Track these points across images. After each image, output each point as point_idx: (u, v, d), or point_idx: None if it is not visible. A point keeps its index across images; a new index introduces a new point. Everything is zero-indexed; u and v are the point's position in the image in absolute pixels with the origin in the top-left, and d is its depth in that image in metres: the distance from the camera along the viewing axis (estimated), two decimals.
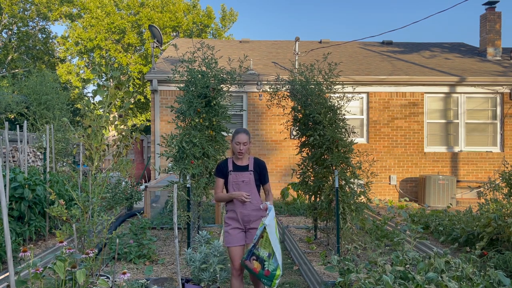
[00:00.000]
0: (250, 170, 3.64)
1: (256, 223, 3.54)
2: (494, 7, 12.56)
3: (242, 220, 3.58)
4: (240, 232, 3.61)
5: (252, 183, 3.62)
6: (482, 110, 11.00)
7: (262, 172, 3.69)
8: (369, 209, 6.21)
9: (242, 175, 3.62)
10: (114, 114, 8.81)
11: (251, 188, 3.61)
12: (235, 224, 3.61)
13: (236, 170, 3.65)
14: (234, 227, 3.60)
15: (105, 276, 3.98)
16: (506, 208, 5.45)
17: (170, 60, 11.69)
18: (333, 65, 5.80)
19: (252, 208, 3.56)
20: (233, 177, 3.63)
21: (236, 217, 3.60)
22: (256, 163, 3.69)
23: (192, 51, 5.89)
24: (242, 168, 3.65)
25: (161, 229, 7.05)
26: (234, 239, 3.58)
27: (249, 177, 3.62)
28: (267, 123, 10.62)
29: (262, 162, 3.73)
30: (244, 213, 3.57)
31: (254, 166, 3.67)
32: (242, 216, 3.57)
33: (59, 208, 3.86)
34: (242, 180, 3.61)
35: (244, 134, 3.62)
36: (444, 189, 9.81)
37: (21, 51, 25.43)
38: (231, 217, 3.63)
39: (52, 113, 12.08)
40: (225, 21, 26.06)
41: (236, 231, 3.60)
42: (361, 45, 14.54)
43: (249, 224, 3.59)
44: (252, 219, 3.57)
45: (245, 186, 3.60)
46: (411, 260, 3.66)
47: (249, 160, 3.71)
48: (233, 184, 3.63)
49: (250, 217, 3.57)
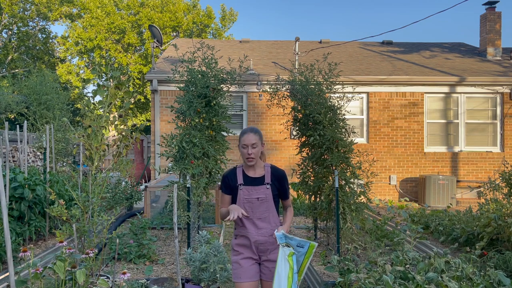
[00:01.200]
0: (267, 183, 2.77)
1: (275, 254, 2.68)
2: (494, 7, 12.56)
3: (257, 249, 2.76)
4: (253, 264, 2.78)
5: (270, 200, 2.76)
6: (482, 110, 11.00)
7: (282, 184, 2.81)
8: (369, 209, 6.21)
9: (256, 190, 2.75)
10: (114, 114, 8.82)
11: (268, 207, 2.76)
12: (248, 253, 2.77)
13: (248, 183, 2.78)
14: (246, 257, 2.77)
15: (105, 276, 3.98)
16: (506, 208, 5.45)
17: (170, 60, 11.69)
18: (333, 65, 5.80)
19: (270, 233, 2.73)
20: (245, 193, 2.76)
21: (249, 244, 2.76)
22: (274, 173, 2.81)
23: (192, 51, 5.89)
24: (256, 180, 2.78)
25: (161, 229, 7.05)
26: (246, 273, 2.74)
27: (266, 192, 2.75)
28: (267, 123, 10.62)
29: (281, 172, 2.85)
30: (259, 240, 2.73)
31: (272, 177, 2.79)
32: (257, 244, 2.74)
33: (59, 208, 3.86)
34: (256, 197, 2.74)
35: (251, 134, 2.75)
36: (444, 189, 9.81)
37: (21, 51, 25.43)
38: (242, 244, 2.79)
39: (52, 113, 12.09)
40: (225, 21, 26.07)
41: (248, 262, 2.77)
42: (361, 45, 14.54)
43: (266, 254, 2.76)
44: (269, 248, 2.75)
45: (260, 204, 2.75)
46: (411, 260, 3.66)
47: (264, 169, 2.82)
48: (245, 202, 2.75)
49: (267, 245, 2.75)
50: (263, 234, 2.73)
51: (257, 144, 2.74)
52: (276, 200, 2.82)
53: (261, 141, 2.79)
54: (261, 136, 2.82)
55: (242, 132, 2.79)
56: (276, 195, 2.81)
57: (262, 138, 2.82)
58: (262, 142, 2.82)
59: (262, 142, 2.80)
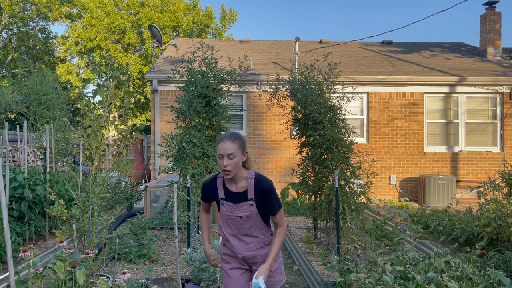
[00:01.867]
0: (250, 199, 2.41)
1: None
2: (494, 7, 12.56)
3: (246, 262, 2.56)
4: (243, 273, 2.57)
5: (256, 217, 2.44)
6: (482, 110, 11.00)
7: (267, 198, 2.42)
8: (369, 209, 6.21)
9: (238, 207, 2.42)
10: (114, 114, 8.82)
11: (254, 223, 2.45)
12: (236, 263, 2.57)
13: (229, 199, 2.44)
14: (234, 267, 2.57)
15: (105, 276, 3.98)
16: (506, 208, 5.45)
17: (170, 60, 11.69)
18: (333, 65, 5.80)
19: (258, 246, 2.50)
20: (227, 210, 2.45)
21: (235, 255, 2.56)
22: (257, 185, 2.41)
23: (192, 51, 5.89)
24: (237, 196, 2.43)
25: (161, 229, 7.05)
26: (235, 284, 2.54)
27: (250, 209, 2.42)
28: (267, 123, 10.62)
29: (266, 184, 2.42)
30: (248, 255, 2.51)
31: (255, 192, 2.41)
32: (246, 259, 2.54)
33: (59, 208, 3.86)
34: (239, 216, 2.43)
35: (228, 142, 2.34)
36: (444, 189, 9.81)
37: (21, 51, 25.44)
38: (230, 255, 2.58)
39: (52, 113, 12.09)
40: (225, 21, 26.08)
41: (237, 272, 2.56)
42: (361, 45, 14.54)
43: (256, 265, 2.52)
44: (259, 260, 2.51)
45: (244, 222, 2.45)
46: (411, 260, 3.67)
47: (247, 181, 2.43)
48: (227, 219, 2.47)
49: (256, 259, 2.52)
50: (251, 249, 2.49)
51: (235, 154, 2.32)
52: (265, 216, 2.48)
53: (241, 149, 2.36)
54: (243, 143, 2.38)
55: (219, 139, 2.39)
56: (263, 210, 2.45)
57: (244, 146, 2.39)
58: (245, 150, 2.40)
59: (243, 150, 2.38)
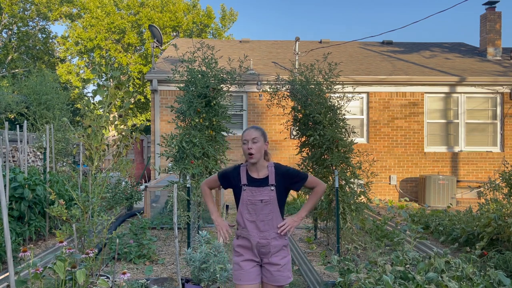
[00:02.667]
0: (271, 185, 2.66)
1: (277, 257, 2.66)
2: (494, 7, 12.56)
3: (258, 252, 2.68)
4: (254, 266, 2.70)
5: (274, 203, 2.66)
6: (482, 110, 11.00)
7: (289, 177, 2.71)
8: (369, 209, 6.21)
9: (260, 192, 2.65)
10: (114, 114, 8.82)
11: (272, 209, 2.66)
12: (249, 255, 2.70)
13: (252, 184, 2.68)
14: (247, 259, 2.70)
15: (105, 276, 3.98)
16: (506, 208, 5.45)
17: (170, 60, 11.69)
18: (333, 65, 5.80)
19: (272, 236, 2.66)
20: (248, 194, 2.67)
21: (250, 246, 2.69)
22: (277, 171, 2.69)
23: (192, 51, 5.89)
24: (259, 182, 2.68)
25: (161, 229, 7.05)
26: (247, 275, 2.67)
27: (270, 194, 2.65)
28: (267, 123, 10.62)
29: (284, 168, 2.73)
30: (261, 243, 2.65)
31: (276, 177, 2.67)
32: (259, 246, 2.67)
33: (59, 208, 3.86)
34: (260, 199, 2.65)
35: (252, 130, 2.70)
36: (444, 189, 9.81)
37: (21, 51, 25.44)
38: (244, 246, 2.72)
39: (52, 113, 12.09)
40: (225, 21, 26.08)
41: (249, 264, 2.69)
42: (361, 45, 14.54)
43: (267, 257, 2.67)
44: (271, 251, 2.66)
45: (264, 207, 2.65)
46: (411, 260, 3.67)
47: (268, 169, 2.71)
48: (248, 204, 2.67)
49: (270, 248, 2.66)
50: (265, 237, 2.66)
51: (258, 139, 2.65)
52: (281, 204, 2.72)
53: (263, 138, 2.69)
54: (264, 134, 2.72)
55: (243, 130, 2.75)
56: (282, 198, 2.71)
57: (265, 135, 2.72)
58: (266, 140, 2.72)
59: (265, 139, 2.71)
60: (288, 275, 2.70)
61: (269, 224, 2.67)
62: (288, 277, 2.70)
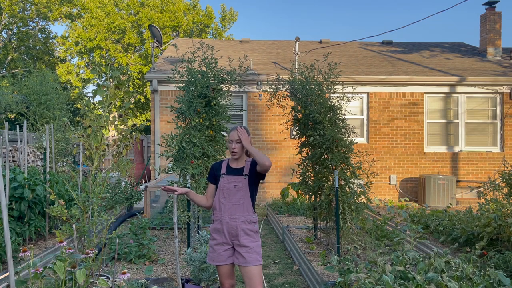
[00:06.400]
0: (245, 174, 3.08)
1: (246, 239, 3.00)
2: (494, 7, 12.56)
3: (229, 234, 3.04)
4: (227, 249, 3.06)
5: (246, 189, 3.06)
6: (482, 110, 11.00)
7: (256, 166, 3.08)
8: (369, 209, 6.20)
9: (235, 179, 3.08)
10: (114, 114, 8.81)
11: (244, 195, 3.06)
12: (221, 238, 3.06)
13: (229, 173, 3.13)
14: (219, 243, 3.07)
15: (105, 276, 3.98)
16: (506, 208, 5.45)
17: (170, 60, 11.69)
18: (333, 65, 5.80)
19: (241, 219, 3.02)
20: (224, 181, 3.11)
21: (221, 228, 3.06)
22: (252, 165, 3.11)
23: (192, 51, 5.89)
24: (236, 171, 3.13)
25: (161, 229, 7.05)
26: (219, 257, 3.07)
27: (243, 182, 3.07)
28: (267, 123, 10.62)
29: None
30: (231, 224, 3.02)
31: (250, 169, 3.09)
32: (229, 228, 3.03)
33: (59, 208, 3.86)
34: (234, 185, 3.07)
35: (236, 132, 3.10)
36: (444, 189, 9.81)
37: (21, 51, 25.43)
38: (216, 229, 3.09)
39: (52, 113, 12.09)
40: (225, 21, 26.07)
41: (222, 247, 3.07)
42: (361, 45, 14.54)
43: (237, 239, 3.01)
44: (240, 234, 3.01)
45: (237, 192, 3.06)
46: (411, 260, 3.67)
47: (245, 163, 3.15)
48: (223, 189, 3.09)
49: (238, 230, 3.01)
50: (234, 220, 3.02)
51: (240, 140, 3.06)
52: (252, 192, 3.09)
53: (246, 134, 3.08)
54: (249, 134, 3.14)
55: (229, 130, 3.17)
56: (253, 188, 3.09)
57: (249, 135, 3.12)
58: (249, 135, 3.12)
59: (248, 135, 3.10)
60: (257, 257, 3.00)
61: (240, 209, 3.04)
62: (257, 259, 3.00)
